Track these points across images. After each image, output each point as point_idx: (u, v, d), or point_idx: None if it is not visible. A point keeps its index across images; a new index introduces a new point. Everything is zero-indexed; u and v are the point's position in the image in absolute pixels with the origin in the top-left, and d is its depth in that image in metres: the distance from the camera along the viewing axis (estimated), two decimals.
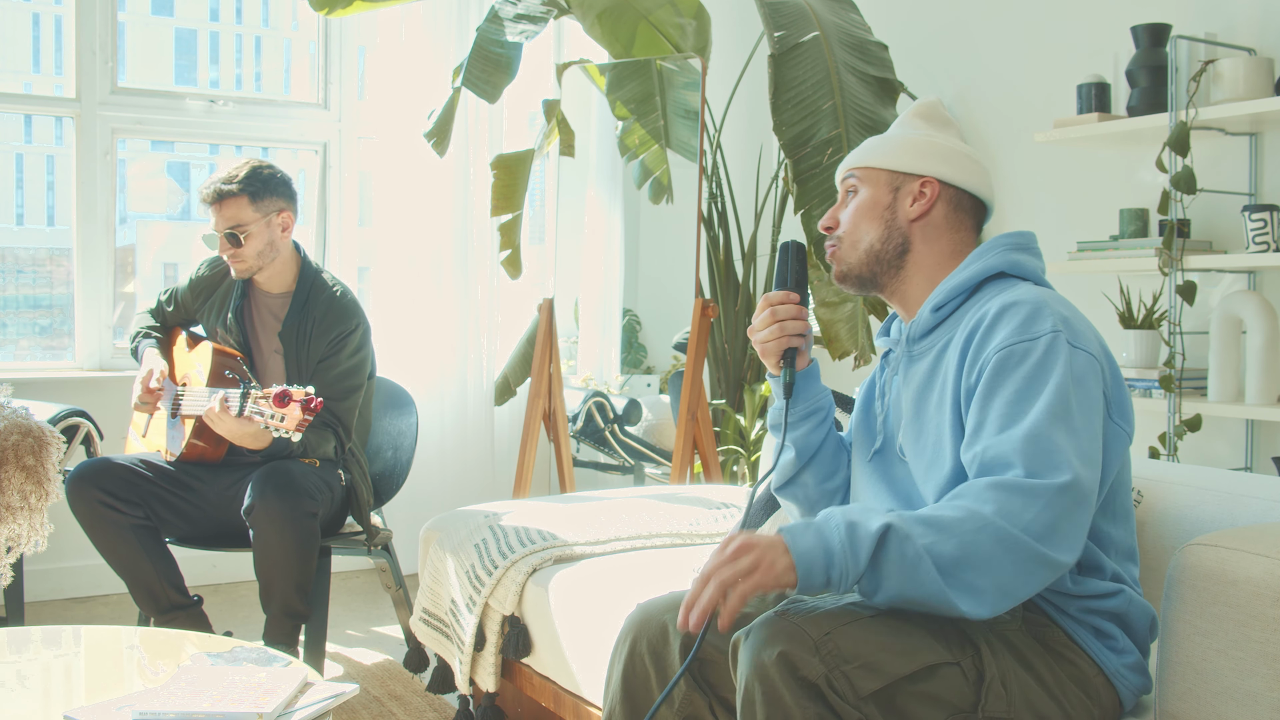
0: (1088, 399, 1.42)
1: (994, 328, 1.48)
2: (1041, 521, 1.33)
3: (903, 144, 1.66)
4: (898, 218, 1.64)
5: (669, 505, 2.68)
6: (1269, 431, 2.84)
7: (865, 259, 1.65)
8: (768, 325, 1.65)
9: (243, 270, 2.87)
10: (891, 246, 1.64)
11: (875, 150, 1.68)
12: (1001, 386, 1.43)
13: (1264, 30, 2.84)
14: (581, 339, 4.47)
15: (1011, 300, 1.49)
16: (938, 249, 1.64)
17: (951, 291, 1.59)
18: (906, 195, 1.64)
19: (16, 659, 2.01)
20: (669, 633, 1.59)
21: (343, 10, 3.59)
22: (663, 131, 3.95)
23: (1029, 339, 1.44)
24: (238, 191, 2.80)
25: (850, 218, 1.67)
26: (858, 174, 1.68)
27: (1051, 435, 1.37)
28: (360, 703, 2.86)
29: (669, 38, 3.71)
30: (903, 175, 1.64)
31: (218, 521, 2.83)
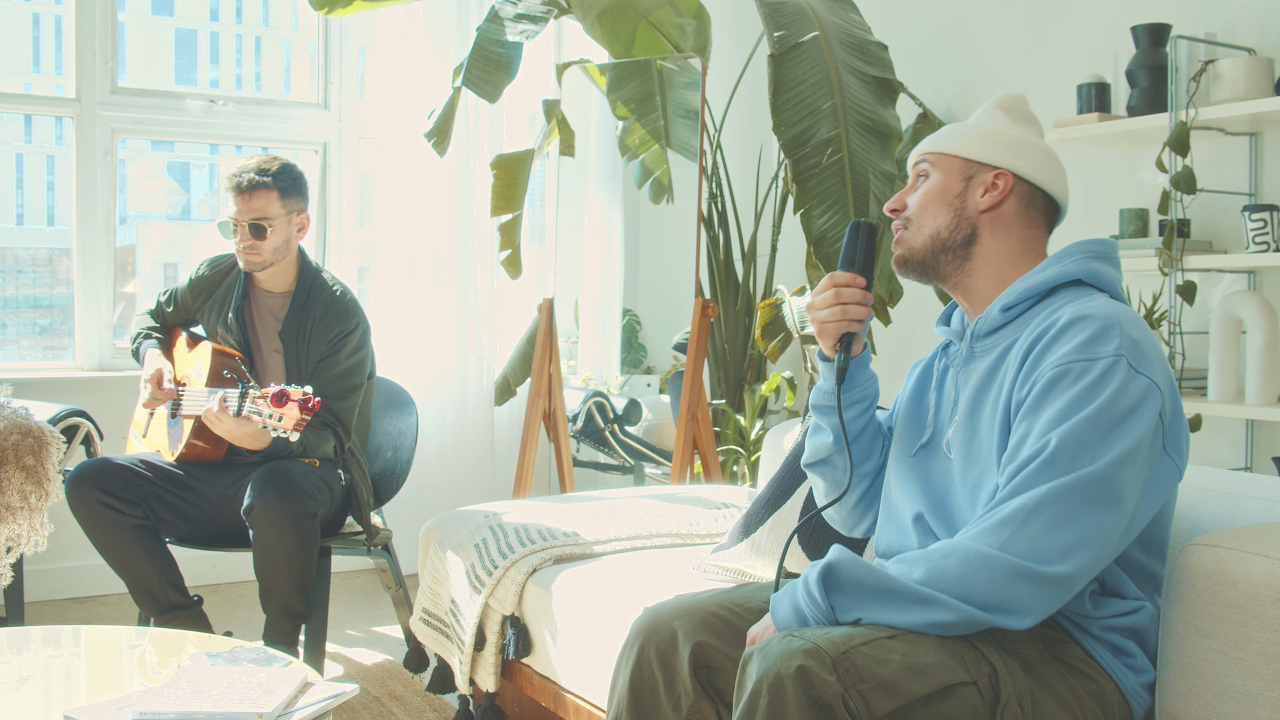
0: (1134, 427, 1.39)
1: (1057, 340, 1.45)
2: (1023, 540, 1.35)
3: (980, 133, 1.63)
4: (967, 207, 1.61)
5: (669, 505, 2.68)
6: (1269, 431, 2.84)
7: (930, 245, 1.62)
8: (830, 305, 1.62)
9: (255, 263, 2.86)
10: (959, 236, 1.61)
11: (950, 136, 1.65)
12: (1049, 404, 1.41)
13: (1264, 30, 2.84)
14: (581, 339, 4.47)
15: (1083, 313, 1.45)
16: (1006, 244, 1.61)
17: (1024, 293, 1.56)
18: (979, 185, 1.61)
19: (16, 659, 2.01)
20: (678, 640, 1.57)
21: (343, 10, 3.59)
22: (663, 131, 3.95)
23: (1088, 359, 1.41)
24: (271, 184, 2.82)
25: (919, 201, 1.64)
26: (930, 159, 1.65)
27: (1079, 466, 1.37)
28: (360, 703, 2.86)
29: (669, 38, 3.71)
30: (976, 164, 1.62)
31: (218, 521, 2.83)
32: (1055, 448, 1.38)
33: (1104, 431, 1.37)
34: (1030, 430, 1.42)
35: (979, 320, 1.60)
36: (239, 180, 2.83)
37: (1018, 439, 1.44)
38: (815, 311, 1.64)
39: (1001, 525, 1.37)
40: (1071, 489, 1.35)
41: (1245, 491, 1.87)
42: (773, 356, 3.63)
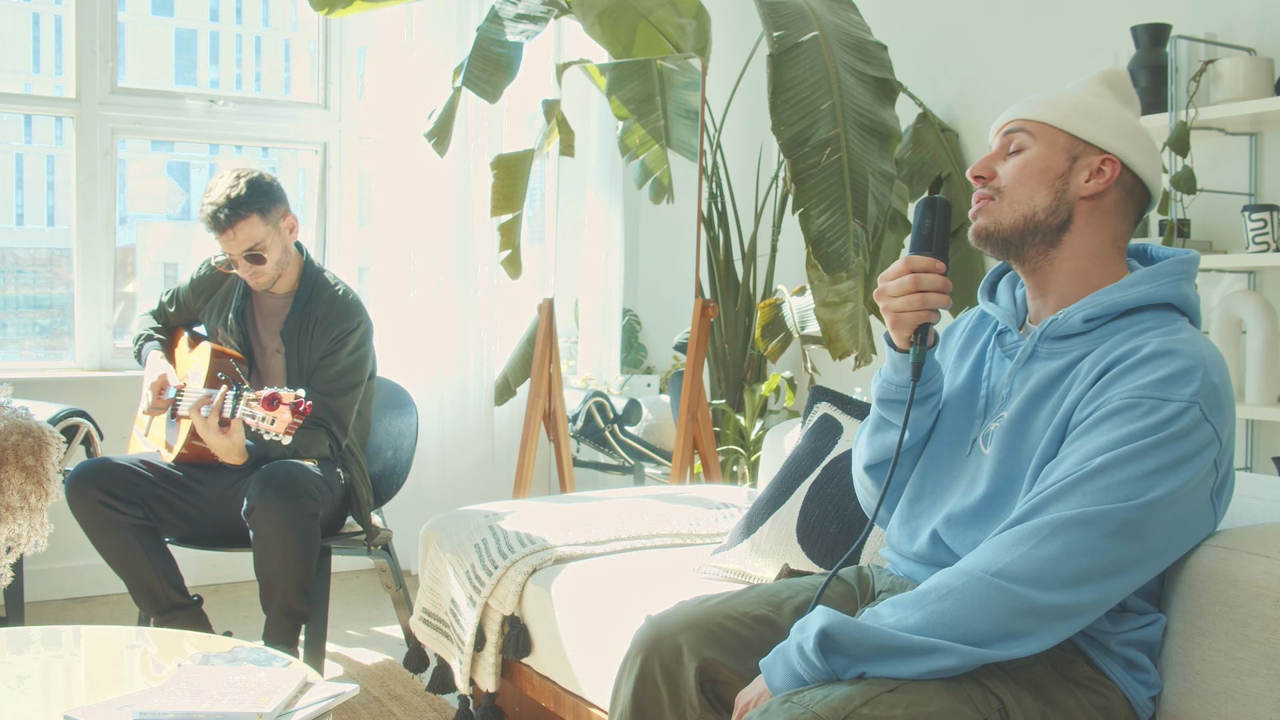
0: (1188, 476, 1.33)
1: (1137, 368, 1.37)
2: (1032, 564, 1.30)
3: (1089, 109, 1.50)
4: (1069, 190, 1.48)
5: (669, 505, 2.68)
6: (1269, 431, 2.84)
7: (1022, 224, 1.50)
8: (908, 293, 1.49)
9: (265, 283, 2.86)
10: (1055, 220, 1.48)
11: (1056, 107, 1.50)
12: (1107, 430, 1.35)
13: (1264, 30, 2.84)
14: (581, 339, 4.47)
15: (1170, 348, 1.37)
16: (1099, 236, 1.50)
17: (1112, 307, 1.45)
18: (1084, 168, 1.48)
19: (16, 659, 2.01)
20: (683, 655, 1.52)
21: (343, 10, 3.59)
22: (663, 131, 3.95)
23: (1162, 397, 1.34)
24: (246, 211, 2.75)
25: (1015, 173, 1.50)
26: (1030, 128, 1.50)
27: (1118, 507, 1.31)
28: (360, 703, 2.86)
29: (669, 38, 3.71)
30: (1084, 144, 1.48)
31: (218, 521, 2.83)
32: (1094, 470, 1.32)
33: (1151, 470, 1.31)
34: (1078, 449, 1.36)
35: (1053, 323, 1.49)
36: (216, 219, 2.75)
37: (1063, 455, 1.38)
38: (890, 299, 1.51)
39: (1014, 544, 1.32)
40: (1098, 520, 1.30)
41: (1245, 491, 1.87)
42: (773, 356, 3.63)
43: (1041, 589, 1.30)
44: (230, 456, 2.66)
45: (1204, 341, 1.42)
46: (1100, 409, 1.37)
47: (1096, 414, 1.37)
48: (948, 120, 3.64)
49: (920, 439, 1.62)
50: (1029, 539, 1.32)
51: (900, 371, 1.56)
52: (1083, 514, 1.31)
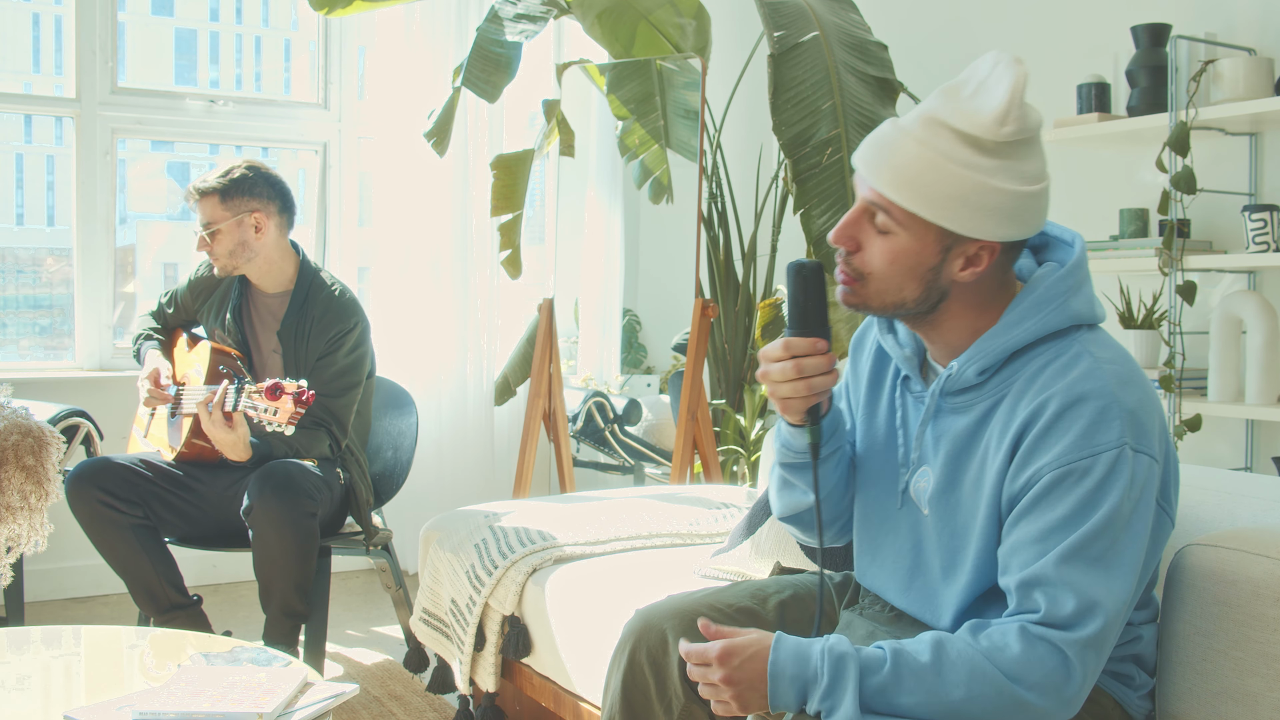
0: (1139, 519, 1.30)
1: (1052, 431, 1.30)
2: (1051, 677, 1.27)
3: (962, 193, 1.31)
4: (940, 279, 1.37)
5: (669, 505, 2.68)
6: (1269, 431, 2.84)
7: (891, 310, 1.40)
8: (791, 380, 1.40)
9: (221, 268, 2.90)
10: (928, 304, 1.39)
11: (923, 190, 1.32)
12: (1051, 507, 1.29)
13: (1264, 30, 2.84)
14: (581, 339, 4.47)
15: (1075, 394, 1.30)
16: (977, 296, 1.39)
17: (999, 354, 1.37)
18: (958, 257, 1.35)
19: (16, 659, 2.01)
20: (668, 642, 1.54)
21: (343, 10, 3.59)
22: (663, 131, 3.95)
23: (1090, 455, 1.28)
24: (208, 191, 2.85)
25: (884, 263, 1.37)
26: (897, 214, 1.34)
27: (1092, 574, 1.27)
28: (360, 703, 2.86)
29: (669, 38, 3.71)
30: (956, 236, 1.33)
31: (218, 521, 2.83)
32: (1062, 559, 1.28)
33: (1111, 542, 1.28)
34: (1032, 539, 1.31)
35: (948, 379, 1.41)
36: (186, 193, 2.91)
37: (1015, 543, 1.32)
38: (775, 385, 1.42)
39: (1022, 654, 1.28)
40: (1092, 640, 1.27)
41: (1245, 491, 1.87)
42: None
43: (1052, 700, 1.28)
44: (235, 452, 2.66)
45: (1104, 355, 1.34)
46: (1033, 487, 1.31)
47: (1032, 493, 1.31)
48: None
49: (826, 493, 1.57)
50: (1036, 648, 1.27)
51: (798, 438, 1.50)
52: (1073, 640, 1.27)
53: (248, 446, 2.66)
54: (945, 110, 1.35)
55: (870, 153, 1.37)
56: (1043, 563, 1.29)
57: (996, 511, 1.37)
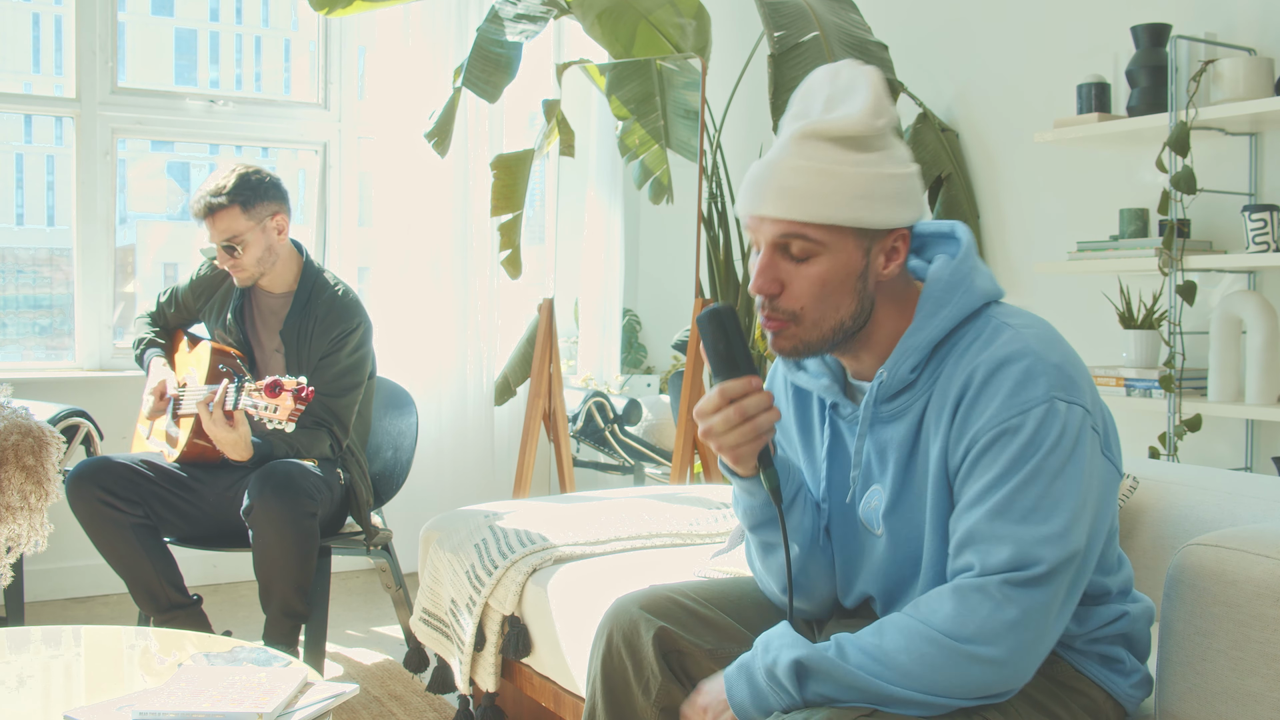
0: (1077, 465, 1.30)
1: (981, 396, 1.31)
2: (989, 623, 1.26)
3: (867, 189, 1.32)
4: (868, 285, 1.37)
5: (669, 505, 2.68)
6: (1269, 431, 2.84)
7: (832, 335, 1.38)
8: (735, 426, 1.36)
9: (245, 279, 2.87)
10: (861, 319, 1.38)
11: (830, 200, 1.31)
12: (986, 469, 1.31)
13: (1264, 30, 2.84)
14: (581, 339, 4.47)
15: (999, 357, 1.32)
16: (895, 291, 1.41)
17: (925, 348, 1.38)
18: (879, 254, 1.36)
19: (16, 659, 2.01)
20: (640, 626, 1.56)
21: (343, 10, 3.59)
22: (663, 131, 3.95)
23: (1020, 412, 1.29)
24: (228, 203, 2.79)
25: (813, 291, 1.35)
26: (813, 234, 1.33)
27: (1025, 525, 1.28)
28: (360, 703, 2.86)
29: (669, 38, 3.71)
30: (875, 232, 1.34)
31: (218, 521, 2.83)
32: (996, 510, 1.29)
33: (1044, 492, 1.28)
34: (970, 504, 1.32)
35: (880, 386, 1.40)
36: (195, 207, 2.83)
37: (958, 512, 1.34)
38: (721, 437, 1.37)
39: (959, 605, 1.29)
40: (1031, 581, 1.27)
41: (1245, 491, 1.87)
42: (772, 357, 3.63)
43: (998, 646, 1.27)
44: (236, 451, 2.66)
45: (1020, 322, 1.36)
46: (972, 450, 1.32)
47: (970, 456, 1.32)
48: (948, 120, 3.64)
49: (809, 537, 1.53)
50: (968, 599, 1.28)
51: (755, 494, 1.48)
52: (1013, 559, 1.27)
53: (249, 445, 2.66)
54: (812, 128, 1.34)
55: (757, 191, 1.35)
56: (975, 522, 1.30)
57: (948, 493, 1.37)
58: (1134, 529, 2.03)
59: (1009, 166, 3.47)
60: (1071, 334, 3.42)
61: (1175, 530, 1.94)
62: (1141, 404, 2.87)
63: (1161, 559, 1.95)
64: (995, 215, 3.51)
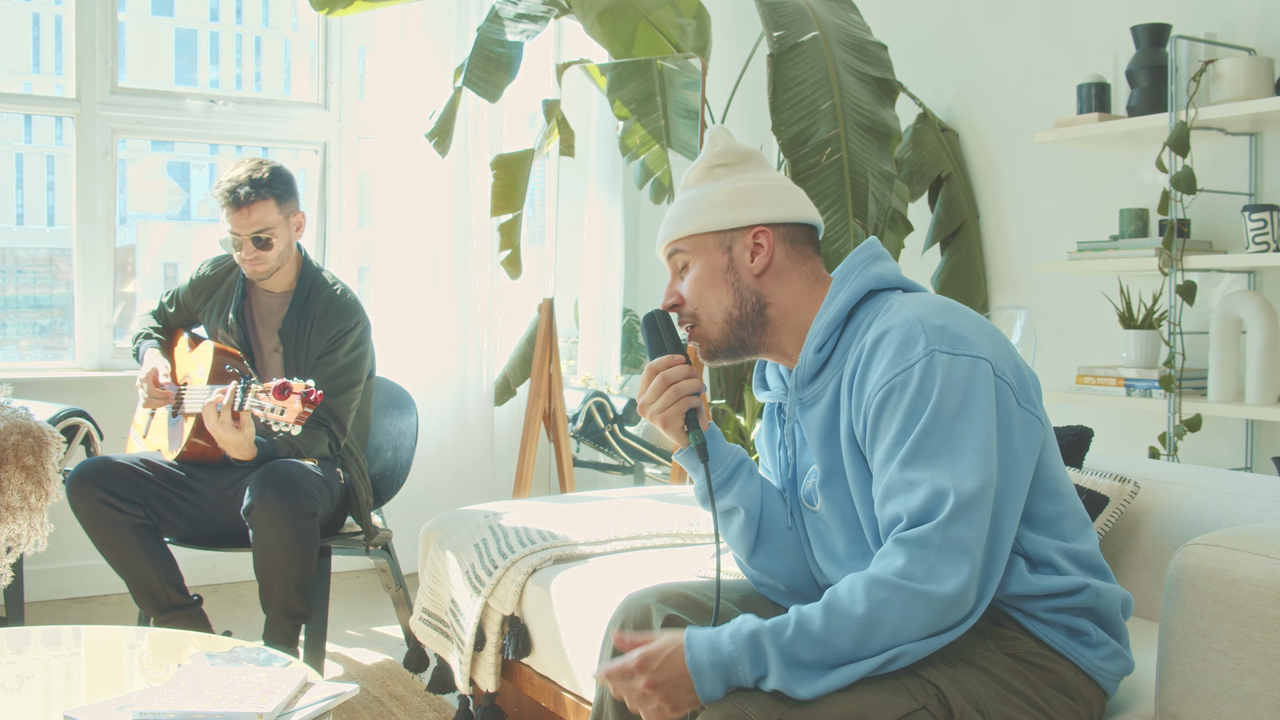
0: (974, 407, 1.37)
1: (870, 363, 1.44)
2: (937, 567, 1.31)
3: (716, 201, 1.58)
4: (741, 277, 1.57)
5: (669, 505, 2.68)
6: (1269, 431, 2.84)
7: (727, 328, 1.58)
8: (661, 392, 1.56)
9: (263, 272, 2.87)
10: (748, 308, 1.57)
11: (690, 217, 1.59)
12: (887, 428, 1.40)
13: (1264, 30, 2.84)
14: (581, 339, 4.47)
15: (884, 327, 1.45)
16: (793, 291, 1.57)
17: (827, 328, 1.52)
18: (743, 250, 1.57)
19: (16, 659, 2.01)
20: (651, 615, 1.61)
21: (343, 10, 3.59)
22: (663, 131, 3.95)
23: (904, 369, 1.39)
24: (267, 193, 2.78)
25: (694, 291, 1.58)
26: (682, 247, 1.59)
27: (928, 474, 1.34)
28: (360, 703, 2.86)
29: (669, 38, 3.71)
30: (730, 233, 1.57)
31: (218, 521, 2.83)
32: (905, 463, 1.36)
33: (945, 435, 1.36)
34: (879, 463, 1.40)
35: (797, 371, 1.56)
36: (235, 194, 2.76)
37: (875, 472, 1.42)
38: (650, 408, 1.57)
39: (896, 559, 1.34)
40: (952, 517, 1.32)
41: (1245, 491, 1.87)
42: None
43: (947, 583, 1.31)
44: (241, 452, 2.66)
45: (912, 300, 1.48)
46: (869, 413, 1.42)
47: (870, 419, 1.42)
48: (948, 120, 3.64)
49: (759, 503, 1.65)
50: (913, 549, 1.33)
51: (698, 470, 1.61)
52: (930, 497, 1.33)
53: (253, 445, 2.66)
54: (680, 186, 1.66)
55: (661, 230, 1.64)
56: (890, 476, 1.38)
57: (863, 461, 1.48)
58: (1134, 529, 2.03)
59: (1009, 166, 3.47)
60: (1071, 334, 3.44)
61: (1175, 530, 1.94)
62: (1141, 404, 2.87)
63: (1161, 559, 1.95)
64: (995, 215, 3.51)
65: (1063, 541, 1.48)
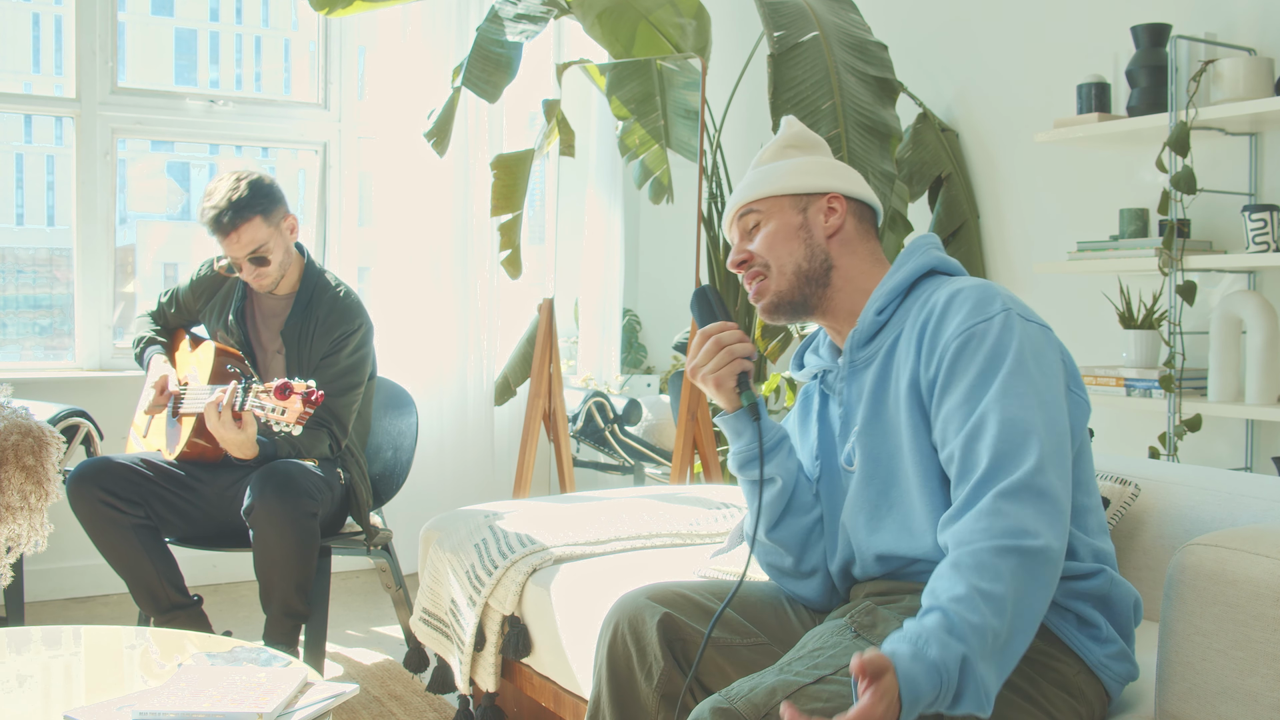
0: (1048, 367, 1.45)
1: (946, 315, 1.50)
2: (1035, 520, 1.33)
3: (793, 170, 1.68)
4: (814, 236, 1.66)
5: (669, 505, 2.68)
6: (1269, 431, 2.84)
7: (795, 281, 1.65)
8: (714, 354, 1.62)
9: (268, 285, 2.87)
10: (817, 264, 1.65)
11: (767, 181, 1.68)
12: (965, 371, 1.45)
13: (1264, 30, 2.84)
14: (581, 339, 4.47)
15: (957, 288, 1.52)
16: (859, 259, 1.67)
17: (891, 292, 1.61)
18: (817, 213, 1.66)
19: (16, 659, 2.01)
20: (645, 613, 1.63)
21: (343, 10, 3.59)
22: (663, 131, 3.95)
23: (984, 319, 1.46)
24: (251, 213, 2.75)
25: (767, 244, 1.66)
26: (758, 207, 1.68)
27: (1018, 414, 1.38)
28: (360, 703, 2.86)
29: (669, 38, 3.71)
30: (806, 196, 1.67)
31: (218, 521, 2.83)
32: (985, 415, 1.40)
33: (1028, 381, 1.41)
34: (956, 404, 1.44)
35: (855, 332, 1.63)
36: (219, 222, 2.73)
37: (945, 414, 1.45)
38: (704, 369, 1.62)
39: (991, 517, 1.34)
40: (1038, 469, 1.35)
41: (1245, 491, 1.87)
42: (773, 356, 3.63)
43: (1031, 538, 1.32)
44: (242, 451, 2.66)
45: (976, 278, 1.58)
46: (942, 362, 1.48)
47: (944, 365, 1.47)
48: (948, 120, 3.64)
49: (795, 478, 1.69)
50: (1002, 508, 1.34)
51: (743, 434, 1.65)
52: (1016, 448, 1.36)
53: (255, 444, 2.66)
54: (762, 155, 1.76)
55: (733, 198, 1.73)
56: (976, 415, 1.41)
57: (921, 408, 1.51)
58: (1134, 529, 2.02)
59: (1009, 166, 3.47)
60: (1071, 334, 3.44)
61: (1175, 530, 1.94)
62: (1141, 404, 2.87)
63: (1161, 559, 1.95)
64: (995, 215, 3.51)
65: (1086, 536, 1.51)
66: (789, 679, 1.34)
